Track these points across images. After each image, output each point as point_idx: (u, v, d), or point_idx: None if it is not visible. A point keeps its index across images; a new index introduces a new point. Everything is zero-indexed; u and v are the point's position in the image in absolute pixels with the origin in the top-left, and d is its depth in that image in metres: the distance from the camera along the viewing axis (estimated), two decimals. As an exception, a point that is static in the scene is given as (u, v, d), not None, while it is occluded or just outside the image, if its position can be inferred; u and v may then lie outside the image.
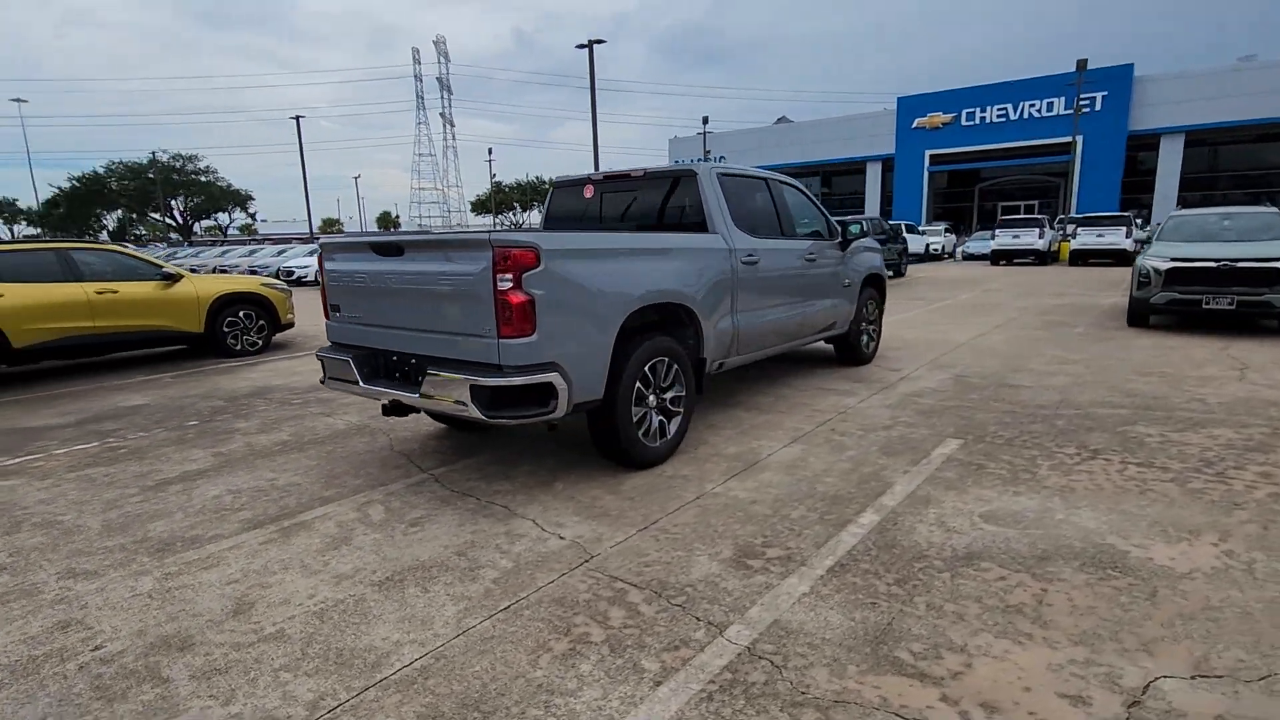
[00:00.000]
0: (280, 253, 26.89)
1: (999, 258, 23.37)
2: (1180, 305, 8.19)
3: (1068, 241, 22.95)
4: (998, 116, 38.65)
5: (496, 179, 68.37)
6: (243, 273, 22.03)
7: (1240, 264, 7.77)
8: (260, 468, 4.47)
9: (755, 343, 5.13)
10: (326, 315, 4.40)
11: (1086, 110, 34.14)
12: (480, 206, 73.78)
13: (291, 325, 9.81)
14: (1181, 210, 10.68)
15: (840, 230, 6.26)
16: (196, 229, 67.02)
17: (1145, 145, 35.89)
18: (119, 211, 65.69)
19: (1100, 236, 21.14)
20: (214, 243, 47.38)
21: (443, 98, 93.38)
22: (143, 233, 68.21)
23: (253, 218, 75.31)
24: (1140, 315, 8.80)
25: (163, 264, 8.62)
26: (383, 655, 2.38)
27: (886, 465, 4.07)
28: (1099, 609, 2.50)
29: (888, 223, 19.90)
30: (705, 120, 41.87)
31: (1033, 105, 37.39)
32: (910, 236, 24.85)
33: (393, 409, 4.06)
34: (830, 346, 7.07)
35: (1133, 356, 7.01)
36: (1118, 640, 2.31)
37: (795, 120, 50.02)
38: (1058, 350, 7.47)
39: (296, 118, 43.31)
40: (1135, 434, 4.50)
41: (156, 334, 8.42)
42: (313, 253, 23.86)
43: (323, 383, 4.36)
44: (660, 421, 4.21)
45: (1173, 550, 2.92)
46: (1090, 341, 7.98)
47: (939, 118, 40.53)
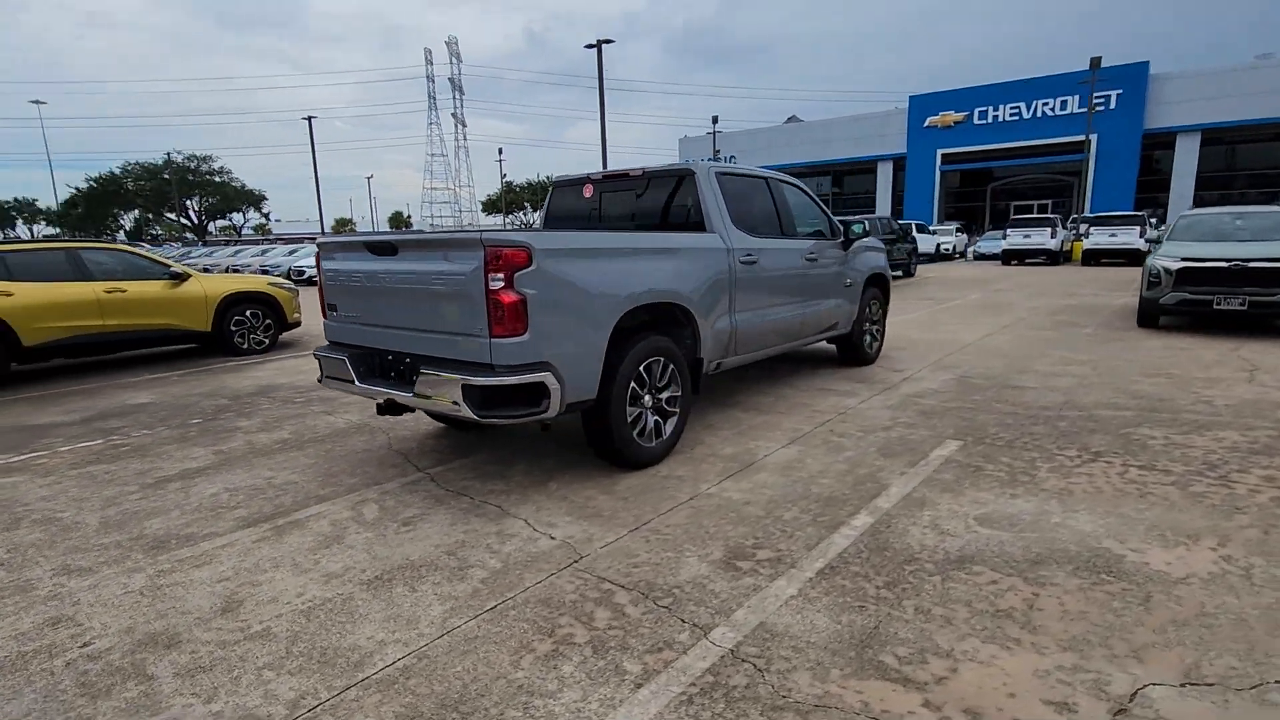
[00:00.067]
0: (291, 252, 27.09)
1: (1010, 257, 23.17)
2: (1191, 306, 8.08)
3: (1080, 241, 22.74)
4: (1010, 115, 38.27)
5: (507, 179, 68.57)
6: (254, 272, 22.22)
7: (1252, 264, 7.64)
8: (259, 466, 4.50)
9: (754, 343, 5.11)
10: (324, 314, 4.42)
11: (1101, 108, 33.73)
12: (491, 206, 74.09)
13: (298, 324, 9.89)
14: (1193, 209, 10.53)
15: (842, 230, 6.21)
16: (211, 229, 67.74)
17: (1161, 144, 35.44)
18: (135, 211, 66.54)
19: (1113, 236, 20.94)
20: (228, 242, 47.83)
21: (455, 98, 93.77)
22: (159, 232, 69.03)
23: (266, 217, 76.00)
24: (1150, 316, 8.69)
25: (170, 263, 8.70)
26: (366, 655, 2.38)
27: (883, 467, 4.04)
28: (1090, 614, 2.46)
29: (897, 222, 19.77)
30: (715, 120, 41.81)
31: (1046, 104, 36.99)
32: (920, 236, 24.70)
33: (387, 408, 4.07)
34: (833, 347, 7.02)
35: (1140, 357, 6.92)
36: (1108, 646, 2.27)
37: (806, 120, 49.79)
38: (1064, 351, 7.39)
39: (308, 118, 43.62)
40: (1138, 436, 4.43)
41: (164, 333, 8.50)
42: (321, 252, 23.95)
43: (320, 381, 4.39)
44: (656, 421, 4.20)
45: (1170, 555, 2.87)
46: (1098, 342, 7.89)
47: (951, 116, 40.19)
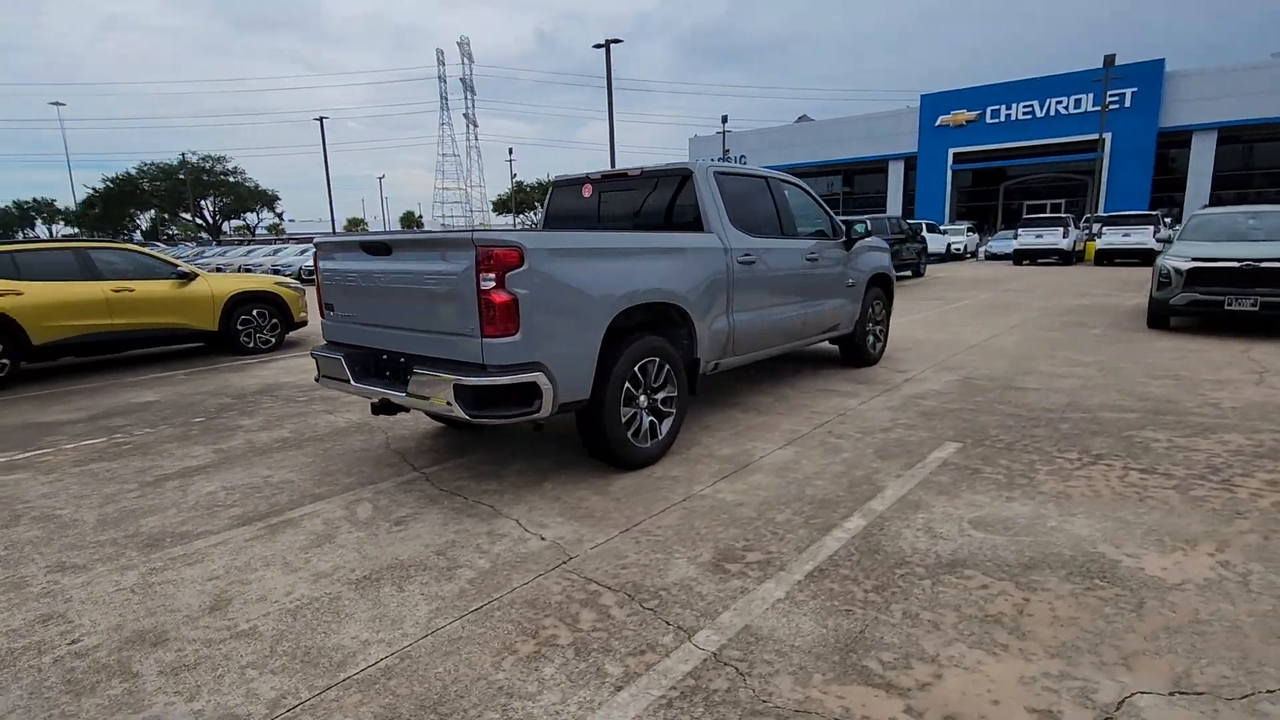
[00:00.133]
0: (302, 252, 27.27)
1: (1022, 257, 22.95)
2: (1201, 307, 7.96)
3: (1093, 241, 22.50)
4: (1023, 114, 37.93)
5: (517, 179, 68.80)
6: (266, 271, 22.41)
7: (1264, 264, 7.52)
8: (257, 464, 4.52)
9: (753, 343, 5.08)
10: (321, 314, 4.44)
11: (1115, 106, 33.35)
12: (502, 206, 74.36)
13: (304, 324, 9.94)
14: (1206, 208, 10.38)
15: (844, 229, 6.17)
16: (225, 228, 68.43)
17: (1176, 142, 35.01)
18: (151, 211, 67.34)
19: (1127, 236, 20.72)
20: (241, 242, 48.26)
21: (466, 98, 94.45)
22: (175, 232, 69.82)
23: (280, 217, 76.71)
24: (1160, 317, 8.57)
25: (178, 263, 8.78)
26: (349, 654, 2.38)
27: (880, 469, 4.00)
28: (1081, 620, 2.42)
29: (906, 222, 19.63)
30: (724, 119, 41.66)
31: (1060, 102, 36.63)
32: (931, 236, 24.52)
33: (382, 408, 4.08)
34: (836, 347, 6.98)
35: (1148, 359, 6.83)
36: (1097, 653, 2.24)
37: (816, 119, 49.57)
38: (1071, 352, 7.30)
39: (320, 119, 43.95)
40: (1141, 439, 4.37)
41: (172, 332, 8.58)
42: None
43: (317, 381, 4.40)
44: (651, 422, 4.18)
45: (1166, 560, 2.83)
46: (1106, 343, 7.79)
47: (963, 115, 39.89)
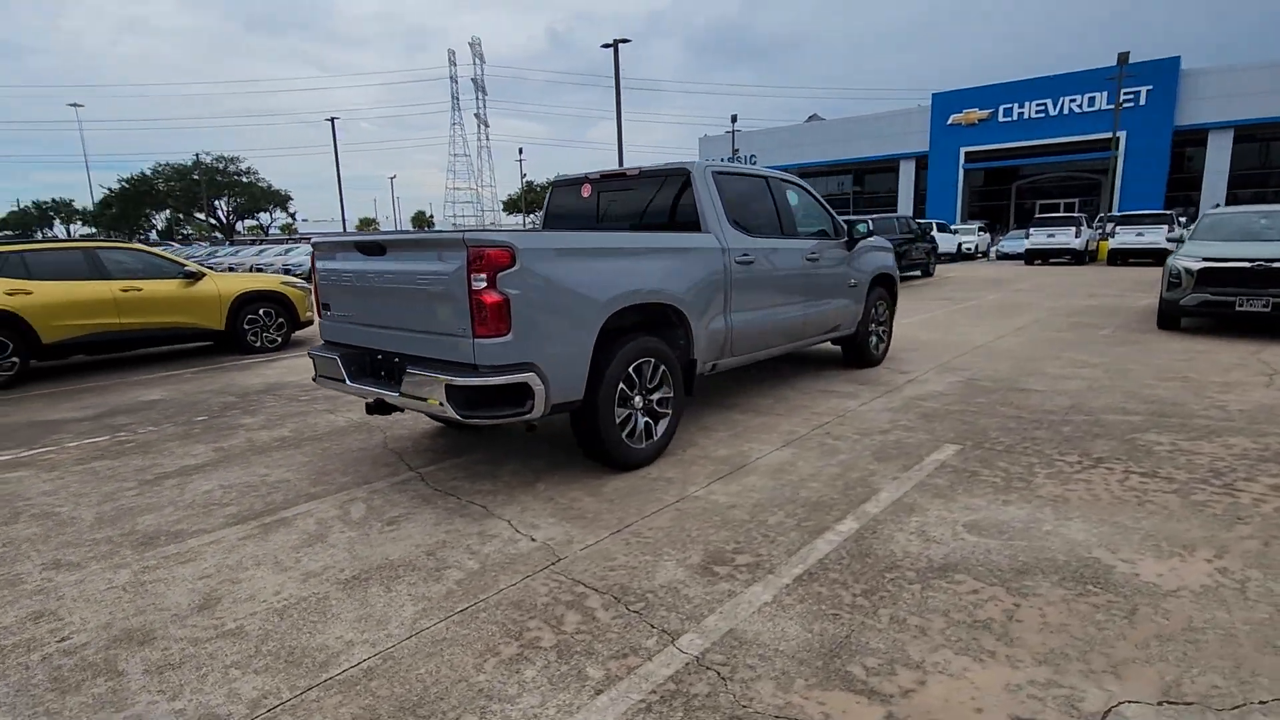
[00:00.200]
0: (313, 251, 27.47)
1: (1033, 257, 22.73)
2: (1212, 308, 7.85)
3: (1107, 240, 22.25)
4: (1036, 112, 37.54)
5: (527, 178, 69.02)
6: (277, 271, 22.56)
7: (1277, 264, 7.39)
8: (255, 463, 4.54)
9: (752, 344, 5.05)
10: (319, 314, 4.46)
11: (1130, 105, 32.96)
12: (512, 206, 74.58)
13: (311, 323, 9.98)
14: (1218, 208, 10.23)
15: (846, 229, 6.13)
16: (239, 228, 69.06)
17: (1192, 141, 34.53)
18: (167, 211, 68.06)
19: (1140, 235, 20.48)
20: (254, 241, 48.67)
21: (478, 99, 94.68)
22: (190, 232, 70.54)
23: (293, 217, 77.32)
24: (1170, 317, 8.45)
25: (185, 262, 8.85)
26: (333, 655, 2.38)
27: (876, 471, 3.97)
28: (1071, 627, 2.38)
29: (916, 221, 19.49)
30: (734, 119, 41.54)
31: (1073, 100, 36.22)
32: (941, 235, 24.37)
33: (376, 408, 4.09)
34: (839, 348, 6.93)
35: (1156, 360, 6.73)
36: (1085, 661, 2.20)
37: (827, 118, 49.33)
38: (1078, 353, 7.21)
39: (331, 119, 44.24)
40: (1144, 442, 4.30)
41: (179, 331, 8.65)
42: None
43: (314, 380, 4.42)
44: (646, 423, 4.16)
45: (1162, 566, 2.78)
46: (1114, 345, 7.69)
47: (975, 114, 39.54)
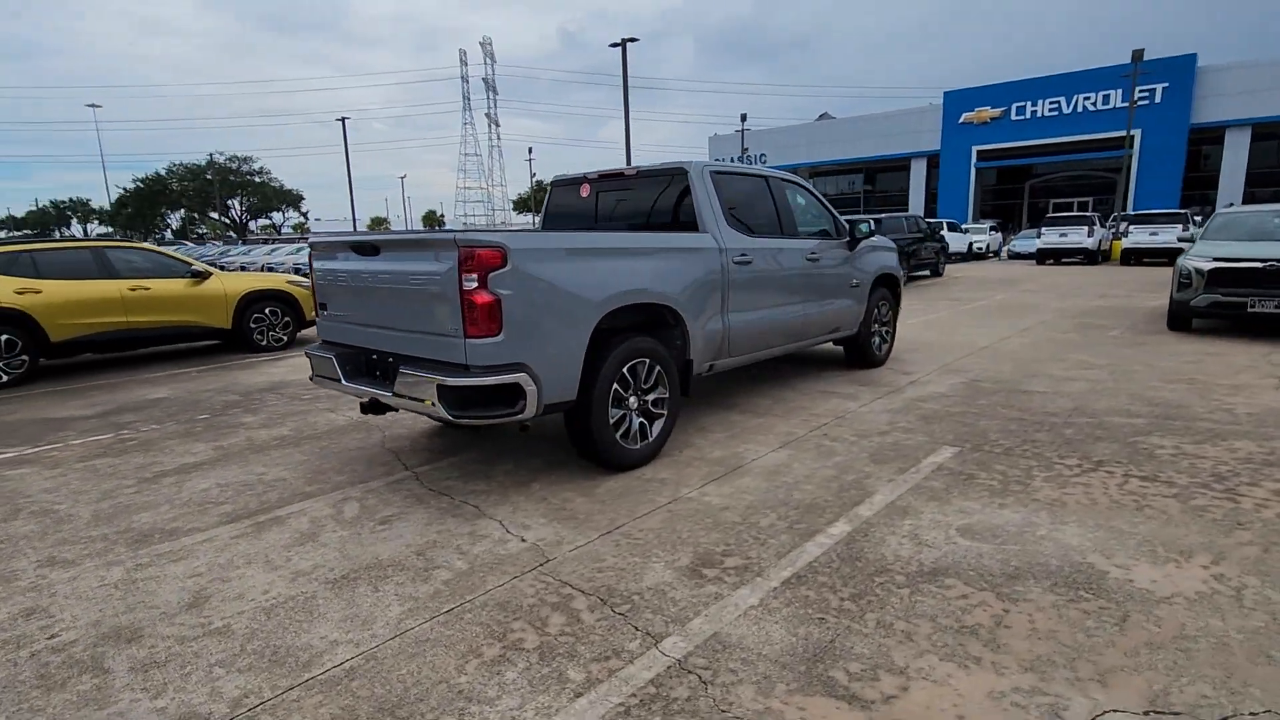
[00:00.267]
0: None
1: (1045, 257, 22.49)
2: (1223, 309, 7.73)
3: (1120, 240, 21.99)
4: (1050, 110, 37.13)
5: (537, 178, 69.16)
6: (287, 270, 22.72)
7: (1289, 265, 7.28)
8: (253, 462, 4.57)
9: (750, 344, 5.03)
10: (316, 313, 4.48)
11: (1145, 102, 32.54)
12: (522, 205, 74.77)
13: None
14: (1231, 207, 10.08)
15: (848, 229, 6.08)
16: (252, 227, 69.71)
17: (1209, 139, 34.05)
18: (181, 211, 68.82)
19: (1154, 235, 20.22)
20: (266, 241, 49.07)
21: (489, 98, 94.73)
22: (204, 231, 71.26)
23: (305, 216, 77.93)
24: (1181, 318, 8.34)
25: (192, 262, 8.92)
26: (316, 655, 2.39)
27: (872, 473, 3.93)
28: (1060, 633, 2.35)
29: (925, 220, 19.34)
30: (743, 118, 41.36)
31: (1087, 98, 35.79)
32: (951, 235, 24.20)
33: (371, 407, 4.10)
34: (841, 348, 6.88)
35: (1164, 362, 6.64)
36: (1072, 668, 2.17)
37: (838, 116, 49.08)
38: (1084, 355, 7.13)
39: (341, 119, 44.50)
40: (1146, 445, 4.24)
41: (186, 329, 8.72)
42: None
43: (311, 380, 4.44)
44: (641, 424, 4.15)
45: (1157, 572, 2.73)
46: (1122, 346, 7.60)
47: (987, 112, 39.17)
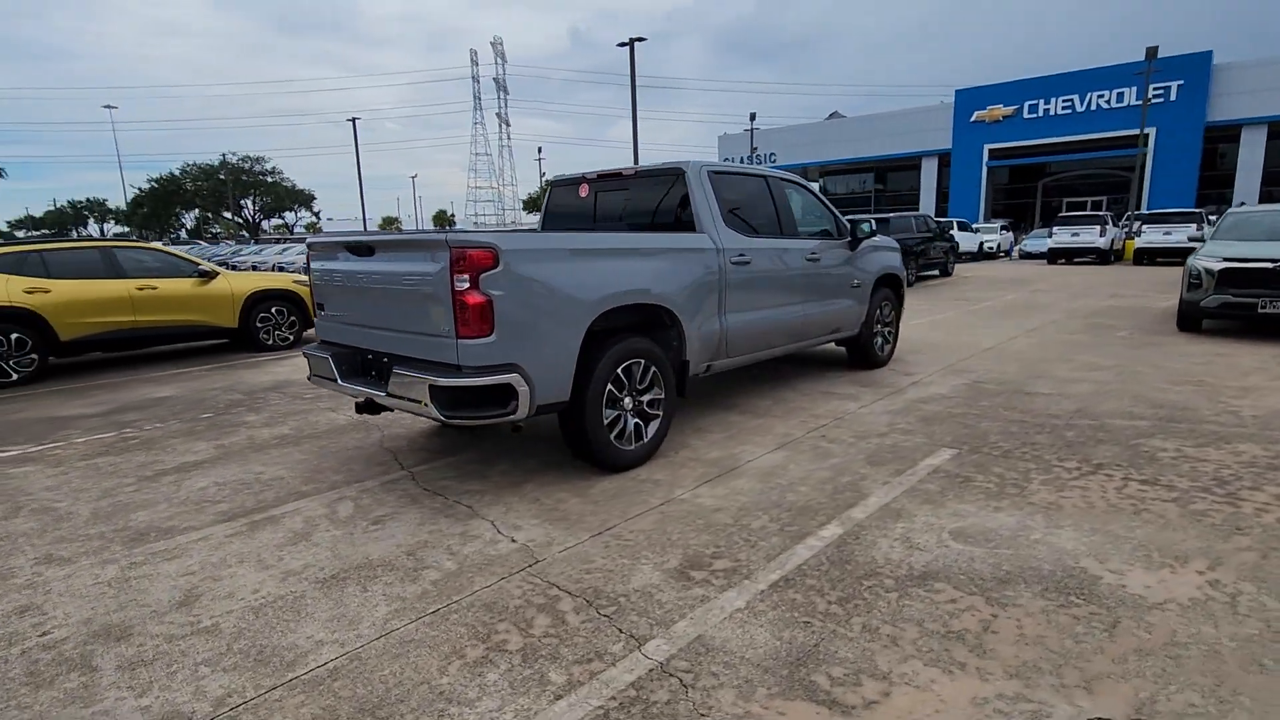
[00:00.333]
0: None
1: (1056, 256, 22.29)
2: (1233, 309, 7.63)
3: (1133, 239, 21.76)
4: (1063, 108, 36.78)
5: (546, 177, 69.26)
6: (298, 269, 22.90)
7: (1301, 265, 7.17)
8: (253, 461, 4.60)
9: (748, 345, 5.00)
10: (313, 313, 4.50)
11: (1160, 100, 32.20)
12: (532, 204, 74.98)
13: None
14: (1241, 206, 9.94)
15: (849, 229, 6.05)
16: (265, 227, 70.27)
17: (1225, 137, 33.61)
18: (195, 210, 69.50)
19: (1168, 234, 19.97)
20: (278, 240, 49.44)
21: (499, 98, 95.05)
22: (218, 230, 71.89)
23: (317, 216, 78.43)
24: (1190, 319, 8.23)
25: (199, 261, 9.00)
26: (301, 654, 2.40)
27: (867, 475, 3.90)
28: (1048, 639, 2.32)
29: (934, 220, 19.21)
30: (752, 117, 41.21)
31: (1101, 96, 35.42)
32: (962, 234, 24.03)
33: (366, 407, 4.11)
34: (843, 349, 6.84)
35: (1171, 364, 6.56)
36: (1058, 675, 2.14)
37: (848, 115, 48.84)
38: (1091, 356, 7.05)
39: (352, 119, 44.79)
40: (1148, 448, 4.19)
41: (193, 329, 8.80)
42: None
43: (309, 379, 4.46)
44: (636, 424, 4.14)
45: (1151, 577, 2.70)
46: (1130, 347, 7.51)
47: (999, 110, 38.86)
